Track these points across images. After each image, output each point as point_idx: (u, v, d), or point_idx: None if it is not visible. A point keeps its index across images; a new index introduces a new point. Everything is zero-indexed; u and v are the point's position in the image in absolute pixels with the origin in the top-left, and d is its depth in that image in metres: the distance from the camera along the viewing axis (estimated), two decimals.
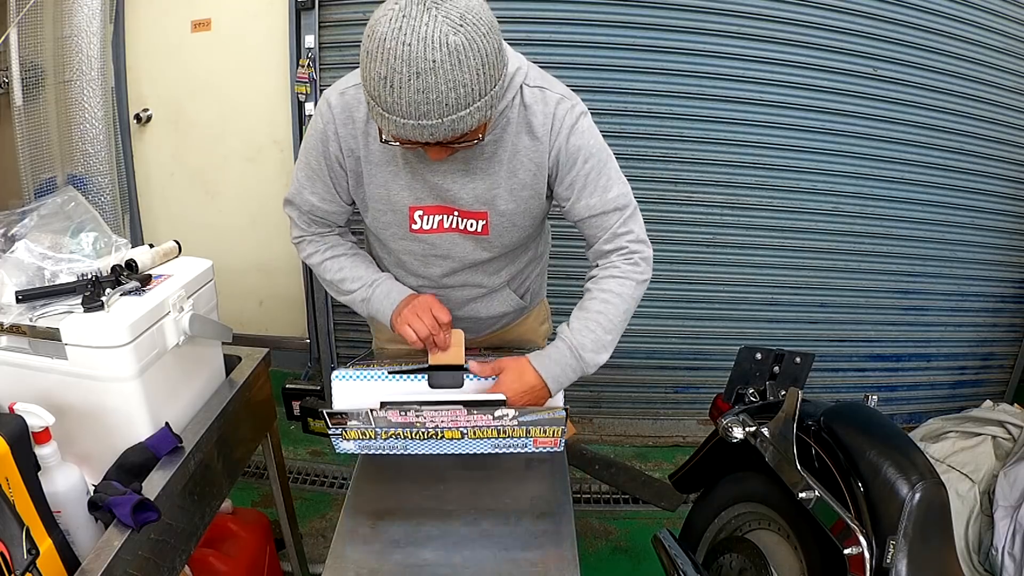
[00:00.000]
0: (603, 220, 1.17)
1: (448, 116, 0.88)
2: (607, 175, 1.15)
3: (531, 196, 1.16)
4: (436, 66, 0.84)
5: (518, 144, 1.11)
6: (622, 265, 1.19)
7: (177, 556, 1.09)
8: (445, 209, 1.16)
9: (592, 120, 1.16)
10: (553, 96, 1.10)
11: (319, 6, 2.23)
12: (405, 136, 0.91)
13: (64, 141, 2.16)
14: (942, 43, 2.26)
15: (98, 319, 0.98)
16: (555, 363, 1.17)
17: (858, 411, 1.24)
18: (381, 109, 0.90)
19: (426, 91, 0.85)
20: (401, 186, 1.14)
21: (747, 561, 1.32)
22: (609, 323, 1.18)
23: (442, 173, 1.12)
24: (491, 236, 1.18)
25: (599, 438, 2.64)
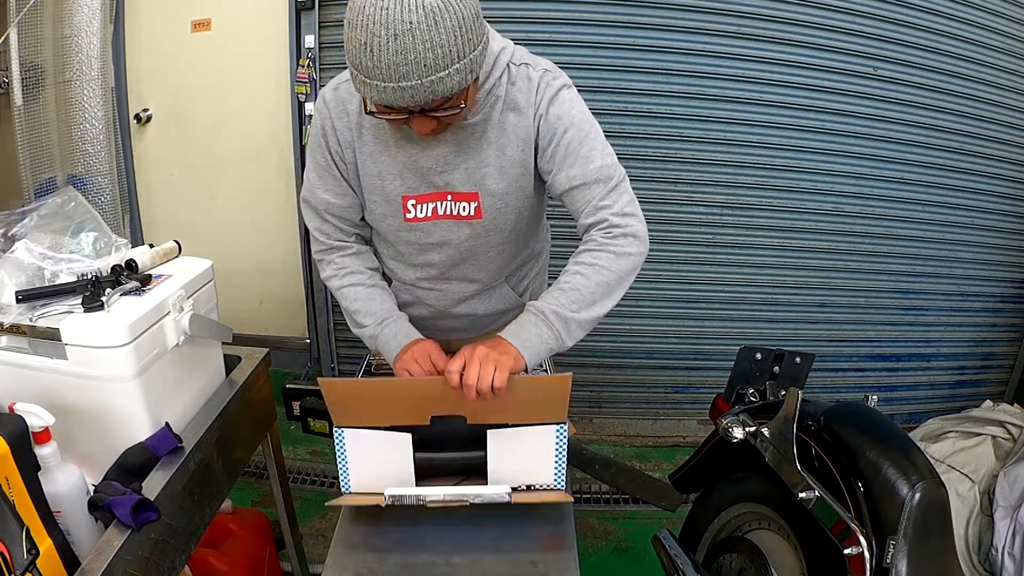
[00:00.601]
0: (584, 192, 1.12)
1: (427, 77, 0.89)
2: (589, 145, 1.11)
3: (520, 174, 1.16)
4: (413, 27, 0.86)
5: (505, 121, 1.12)
6: (599, 238, 1.11)
7: (177, 556, 1.09)
8: (438, 196, 1.17)
9: (576, 93, 1.14)
10: (536, 71, 1.12)
11: (319, 6, 2.23)
12: (387, 100, 0.92)
13: (64, 141, 2.16)
14: (942, 43, 2.26)
15: (98, 319, 0.98)
16: (518, 325, 1.10)
17: (858, 411, 1.24)
18: (363, 76, 0.91)
19: (404, 52, 0.87)
20: (394, 175, 1.16)
21: (747, 561, 1.32)
22: (579, 295, 1.08)
23: (432, 157, 1.13)
24: (484, 219, 1.18)
25: (599, 438, 2.64)
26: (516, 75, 1.11)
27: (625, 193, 1.14)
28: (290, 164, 2.51)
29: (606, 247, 1.10)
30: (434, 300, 1.33)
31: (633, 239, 1.11)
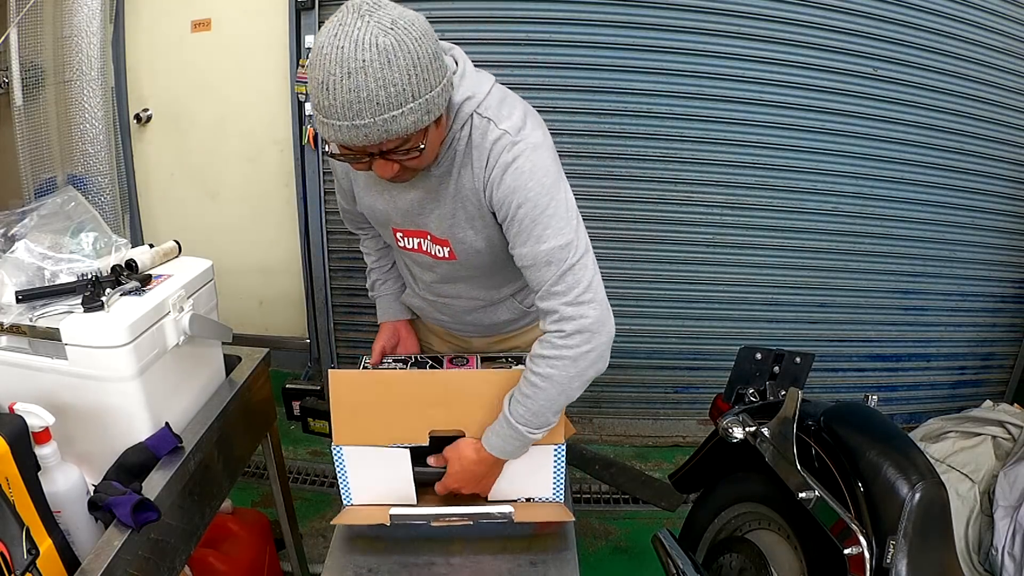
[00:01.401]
0: (536, 273, 1.05)
1: (380, 115, 0.88)
2: (543, 224, 1.02)
3: (485, 226, 1.11)
4: (366, 65, 0.85)
5: (463, 175, 1.08)
6: (554, 340, 1.04)
7: (177, 556, 1.09)
8: (419, 233, 1.19)
9: (542, 155, 1.04)
10: (495, 131, 1.03)
11: (319, 6, 2.23)
12: (342, 140, 0.92)
13: (64, 141, 2.16)
14: (942, 43, 2.26)
15: (98, 319, 0.98)
16: (495, 435, 1.11)
17: (858, 411, 1.24)
18: (322, 116, 0.92)
19: (357, 89, 0.86)
20: (382, 209, 1.20)
21: (747, 561, 1.32)
22: (537, 408, 1.07)
23: (408, 200, 1.14)
24: (460, 260, 1.18)
25: (599, 438, 2.64)
26: (476, 130, 1.05)
27: (580, 275, 1.03)
28: (290, 164, 2.51)
29: (561, 352, 1.04)
30: (441, 309, 1.36)
31: (589, 335, 1.03)
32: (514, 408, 1.08)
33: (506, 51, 2.19)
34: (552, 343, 1.04)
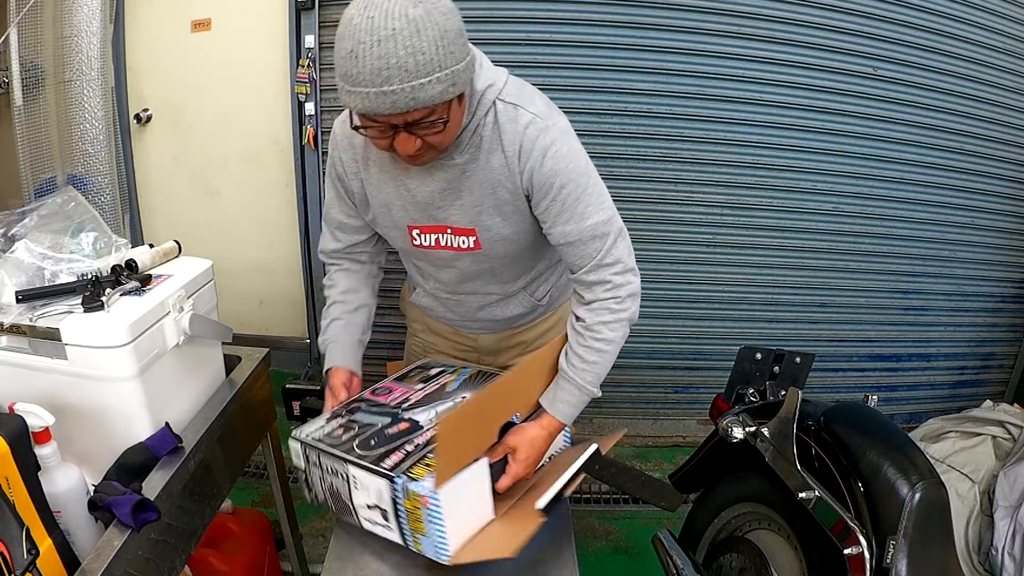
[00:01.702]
0: (581, 248, 1.13)
1: (408, 82, 0.90)
2: (585, 201, 1.11)
3: (515, 211, 1.15)
4: (396, 33, 0.88)
5: (492, 162, 1.10)
6: (613, 306, 1.15)
7: (177, 556, 1.09)
8: (438, 228, 1.20)
9: (572, 137, 1.12)
10: (525, 115, 1.08)
11: (319, 6, 2.23)
12: (369, 107, 0.93)
13: (64, 141, 2.16)
14: (942, 43, 2.26)
15: (98, 319, 0.98)
16: (565, 403, 1.21)
17: (858, 411, 1.24)
18: (348, 85, 0.93)
19: (386, 56, 0.88)
20: (398, 207, 1.19)
21: (747, 561, 1.33)
22: (603, 370, 1.20)
23: (428, 193, 1.14)
24: (484, 250, 1.20)
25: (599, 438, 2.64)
26: (503, 116, 1.08)
27: (625, 246, 1.16)
28: (290, 164, 2.51)
29: (619, 316, 1.16)
30: (454, 307, 1.37)
31: (636, 297, 1.18)
32: (582, 375, 1.18)
33: (506, 51, 2.19)
34: (610, 308, 1.15)
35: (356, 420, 1.15)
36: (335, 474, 1.06)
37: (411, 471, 1.01)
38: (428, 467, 1.02)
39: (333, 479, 1.07)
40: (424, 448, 1.07)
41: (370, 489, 1.03)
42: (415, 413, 1.17)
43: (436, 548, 1.02)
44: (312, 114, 2.34)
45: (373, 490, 1.03)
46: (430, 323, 1.48)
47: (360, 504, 1.06)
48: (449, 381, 1.29)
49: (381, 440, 1.08)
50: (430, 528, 1.00)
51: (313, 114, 2.34)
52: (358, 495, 1.05)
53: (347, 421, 1.15)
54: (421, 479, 0.99)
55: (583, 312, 1.18)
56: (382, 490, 1.02)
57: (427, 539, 1.02)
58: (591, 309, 1.17)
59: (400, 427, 1.12)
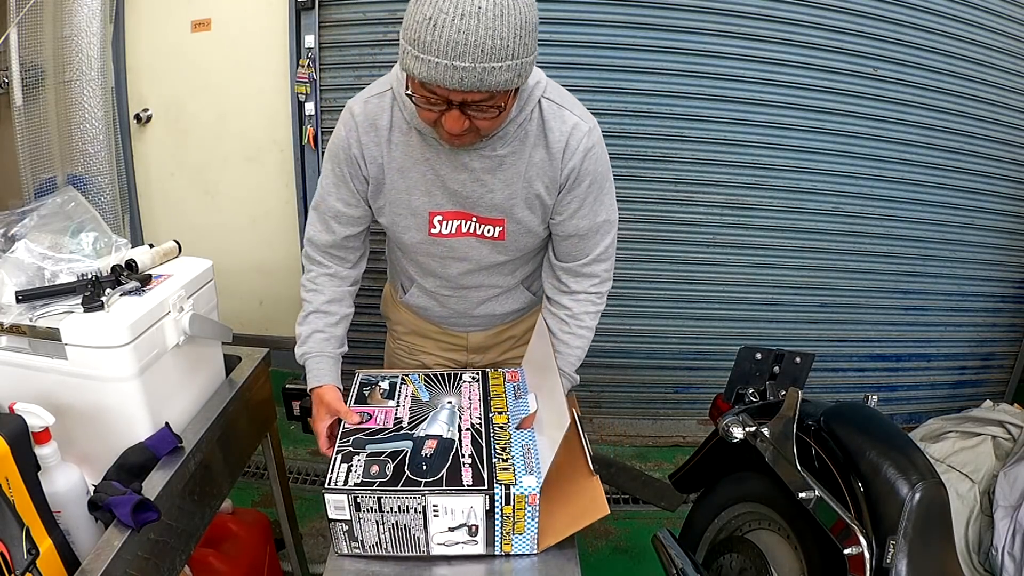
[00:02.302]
0: (585, 242, 1.24)
1: (481, 63, 0.90)
2: (602, 200, 1.21)
3: (542, 206, 1.20)
4: (481, 12, 0.88)
5: (535, 157, 1.14)
6: (595, 299, 1.30)
7: (177, 556, 1.09)
8: (463, 215, 1.20)
9: (603, 143, 1.19)
10: (571, 117, 1.14)
11: (319, 6, 2.23)
12: (435, 78, 0.91)
13: (64, 141, 2.16)
14: (942, 43, 2.26)
15: (98, 319, 0.98)
16: None
17: (858, 411, 1.24)
18: (417, 51, 0.91)
19: (467, 32, 0.88)
20: (421, 191, 1.18)
21: (747, 561, 1.33)
22: (583, 352, 1.33)
23: (461, 181, 1.15)
24: (507, 241, 1.23)
25: (599, 438, 2.64)
26: (548, 114, 1.13)
27: (614, 248, 1.29)
28: (290, 164, 2.51)
29: (599, 307, 1.32)
30: (454, 304, 1.37)
31: (607, 292, 1.32)
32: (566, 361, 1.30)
33: None
34: (593, 301, 1.30)
35: (378, 452, 1.10)
36: (405, 511, 1.02)
37: (498, 479, 1.03)
38: (506, 470, 1.05)
39: (401, 516, 1.02)
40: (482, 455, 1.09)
41: (456, 511, 1.02)
42: (427, 430, 1.16)
43: (531, 543, 1.07)
44: (312, 114, 2.34)
45: (461, 511, 1.02)
46: (418, 325, 1.47)
47: (438, 531, 1.04)
48: (413, 391, 1.28)
49: (431, 464, 1.07)
50: (529, 525, 1.05)
51: (313, 114, 2.34)
52: (437, 522, 1.03)
53: (369, 457, 1.08)
54: (518, 482, 1.02)
55: (567, 301, 1.30)
56: (475, 507, 1.02)
57: (522, 536, 1.06)
58: (576, 299, 1.29)
59: (431, 445, 1.11)
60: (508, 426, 1.17)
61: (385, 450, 1.10)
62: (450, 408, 1.22)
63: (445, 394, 1.27)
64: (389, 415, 1.20)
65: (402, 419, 1.19)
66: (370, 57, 2.26)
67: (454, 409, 1.21)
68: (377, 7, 2.21)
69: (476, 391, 1.28)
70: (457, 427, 1.16)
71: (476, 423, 1.18)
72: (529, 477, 1.04)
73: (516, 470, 1.05)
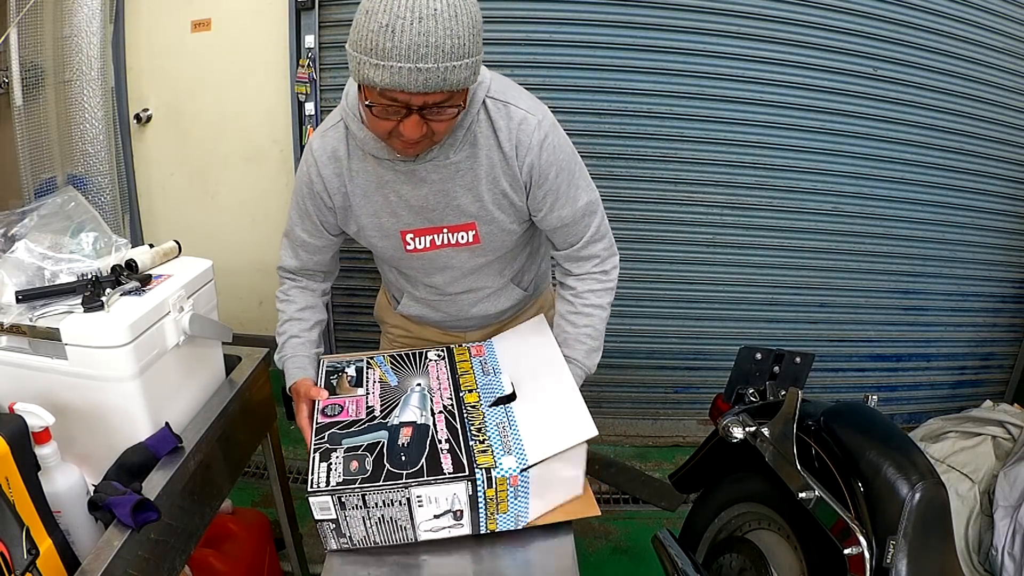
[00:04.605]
0: (575, 228, 1.23)
1: (443, 63, 0.92)
2: (575, 184, 1.20)
3: (510, 204, 1.19)
4: (437, 14, 0.90)
5: (492, 157, 1.14)
6: (600, 277, 1.29)
7: (177, 556, 1.09)
8: (433, 229, 1.21)
9: (558, 129, 1.17)
10: (517, 112, 1.13)
11: (319, 6, 2.23)
12: (399, 83, 0.92)
13: (64, 141, 2.16)
14: (942, 43, 2.26)
15: (98, 319, 0.98)
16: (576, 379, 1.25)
17: (858, 411, 1.24)
18: (376, 59, 0.92)
19: (426, 34, 0.90)
20: (388, 213, 1.19)
21: (747, 561, 1.33)
22: (596, 332, 1.30)
23: (422, 197, 1.16)
24: (483, 244, 1.23)
25: (599, 438, 2.63)
26: (495, 114, 1.12)
27: (606, 225, 1.28)
28: (290, 164, 2.51)
29: (606, 284, 1.29)
30: (447, 308, 1.38)
31: (617, 269, 1.31)
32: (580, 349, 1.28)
33: (506, 51, 2.19)
34: (598, 279, 1.28)
35: (355, 446, 1.08)
36: (390, 504, 1.03)
37: (477, 464, 1.03)
38: (484, 452, 1.05)
39: (386, 510, 1.03)
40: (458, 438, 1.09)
41: (440, 499, 1.03)
42: (401, 417, 1.14)
43: (515, 519, 1.08)
44: (312, 114, 2.34)
45: (445, 498, 1.03)
46: (415, 329, 1.48)
47: (424, 519, 1.05)
48: (380, 376, 1.25)
49: (409, 453, 1.06)
50: (514, 503, 1.06)
51: (313, 114, 2.34)
52: (423, 512, 1.04)
53: (347, 453, 1.07)
54: (498, 465, 1.03)
55: (572, 281, 1.30)
56: (458, 493, 1.03)
57: (506, 515, 1.07)
58: (580, 279, 1.29)
59: (407, 433, 1.11)
60: (480, 404, 1.16)
61: (362, 443, 1.09)
62: (420, 391, 1.20)
63: (413, 376, 1.24)
64: (360, 405, 1.18)
65: (374, 408, 1.17)
66: None
67: (424, 392, 1.20)
68: None
69: (444, 369, 1.26)
70: (429, 410, 1.15)
71: (448, 404, 1.16)
72: (508, 458, 1.04)
73: (495, 451, 1.05)
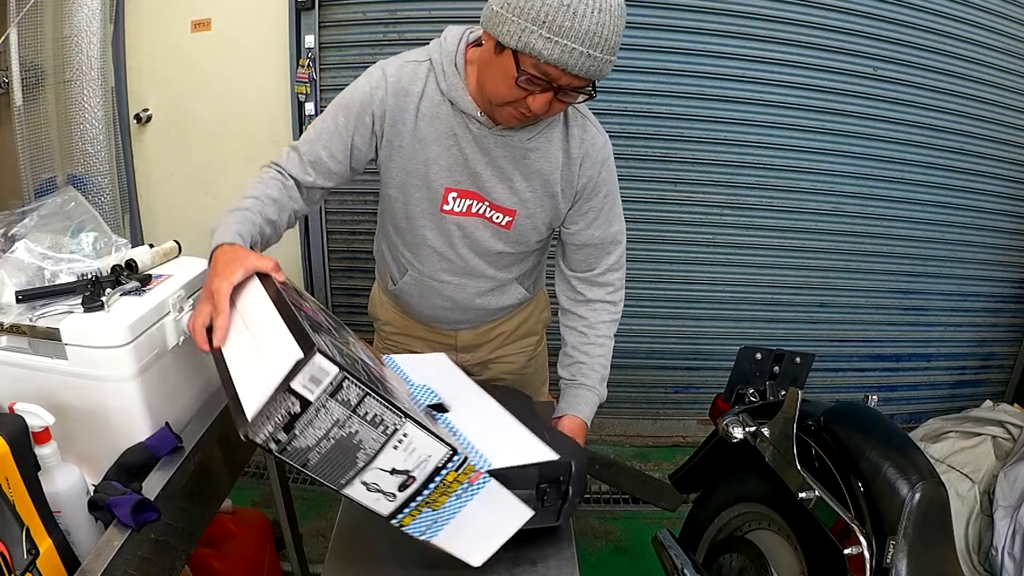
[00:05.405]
0: (600, 251, 1.28)
1: (606, 55, 0.98)
2: (615, 211, 1.27)
3: (553, 207, 1.23)
4: (612, 9, 0.96)
5: (558, 158, 1.18)
6: (611, 309, 1.32)
7: (177, 556, 1.09)
8: (478, 197, 1.21)
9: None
10: (591, 128, 1.20)
11: (319, 6, 2.23)
12: (566, 62, 0.96)
13: (64, 141, 2.16)
14: (942, 43, 2.26)
15: (98, 319, 0.98)
16: (588, 406, 1.29)
17: (858, 411, 1.24)
18: (550, 34, 0.95)
19: (603, 25, 0.96)
20: (442, 166, 1.18)
21: (747, 561, 1.33)
22: (606, 362, 1.32)
23: (485, 164, 1.17)
24: (512, 232, 1.24)
25: (599, 438, 2.64)
26: (572, 120, 1.18)
27: (624, 254, 1.32)
28: None
29: (615, 316, 1.32)
30: (451, 292, 1.33)
31: (623, 302, 1.34)
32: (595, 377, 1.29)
33: None
34: (609, 309, 1.31)
35: (341, 346, 0.88)
36: (374, 426, 0.82)
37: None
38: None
39: (363, 430, 0.82)
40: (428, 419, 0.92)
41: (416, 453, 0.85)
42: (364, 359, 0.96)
43: (431, 525, 0.91)
44: (312, 114, 2.34)
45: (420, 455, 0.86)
46: (407, 325, 1.47)
47: (378, 466, 0.86)
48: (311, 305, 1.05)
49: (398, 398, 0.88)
50: (449, 505, 0.90)
51: (313, 114, 2.34)
52: (387, 457, 0.85)
53: (350, 355, 0.87)
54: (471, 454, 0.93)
55: (584, 311, 1.31)
56: (433, 457, 0.86)
57: (429, 515, 0.90)
58: (592, 308, 1.30)
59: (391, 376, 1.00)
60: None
61: (360, 356, 0.91)
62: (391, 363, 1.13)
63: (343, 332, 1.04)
64: (320, 317, 0.98)
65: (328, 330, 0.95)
66: (370, 57, 2.25)
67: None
68: (377, 7, 2.22)
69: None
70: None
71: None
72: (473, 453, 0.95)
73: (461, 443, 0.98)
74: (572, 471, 1.03)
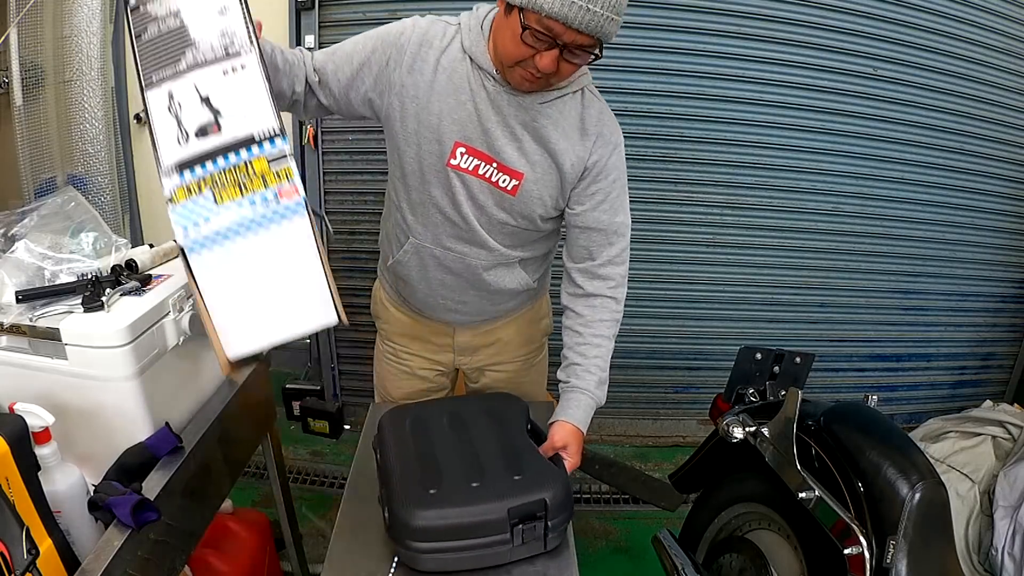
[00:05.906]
0: (602, 237, 1.26)
1: (608, 12, 1.00)
2: (622, 201, 1.27)
3: (560, 180, 1.23)
4: None
5: (570, 133, 1.20)
6: (611, 305, 1.29)
7: (177, 556, 1.09)
8: (486, 157, 1.20)
9: None
10: (608, 114, 1.23)
11: (319, 6, 2.23)
12: (567, 16, 0.99)
13: (64, 141, 2.16)
14: (942, 43, 2.26)
15: (98, 319, 0.98)
16: (582, 410, 1.26)
17: (858, 411, 1.24)
18: None
19: None
20: (453, 120, 1.18)
21: (747, 561, 1.33)
22: (604, 364, 1.29)
23: (498, 124, 1.17)
24: (516, 198, 1.23)
25: (599, 438, 2.64)
26: (589, 101, 1.21)
27: (628, 251, 1.30)
28: None
29: (615, 315, 1.29)
30: (452, 263, 1.31)
31: (624, 301, 1.31)
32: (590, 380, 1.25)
33: None
34: (609, 308, 1.28)
35: None
36: (223, 34, 0.78)
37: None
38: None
39: (208, 29, 0.78)
40: None
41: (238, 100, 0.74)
42: None
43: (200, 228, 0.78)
44: None
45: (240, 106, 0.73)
46: (407, 324, 1.47)
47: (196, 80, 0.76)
48: None
49: None
50: (239, 210, 0.76)
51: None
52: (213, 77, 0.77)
53: None
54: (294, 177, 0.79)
55: (582, 307, 1.28)
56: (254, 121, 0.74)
57: (208, 205, 0.77)
58: (591, 305, 1.28)
59: None
60: None
61: None
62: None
63: None
64: None
65: None
66: None
67: None
68: (377, 7, 2.21)
69: None
70: None
71: None
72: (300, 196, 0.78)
73: None
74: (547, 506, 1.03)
